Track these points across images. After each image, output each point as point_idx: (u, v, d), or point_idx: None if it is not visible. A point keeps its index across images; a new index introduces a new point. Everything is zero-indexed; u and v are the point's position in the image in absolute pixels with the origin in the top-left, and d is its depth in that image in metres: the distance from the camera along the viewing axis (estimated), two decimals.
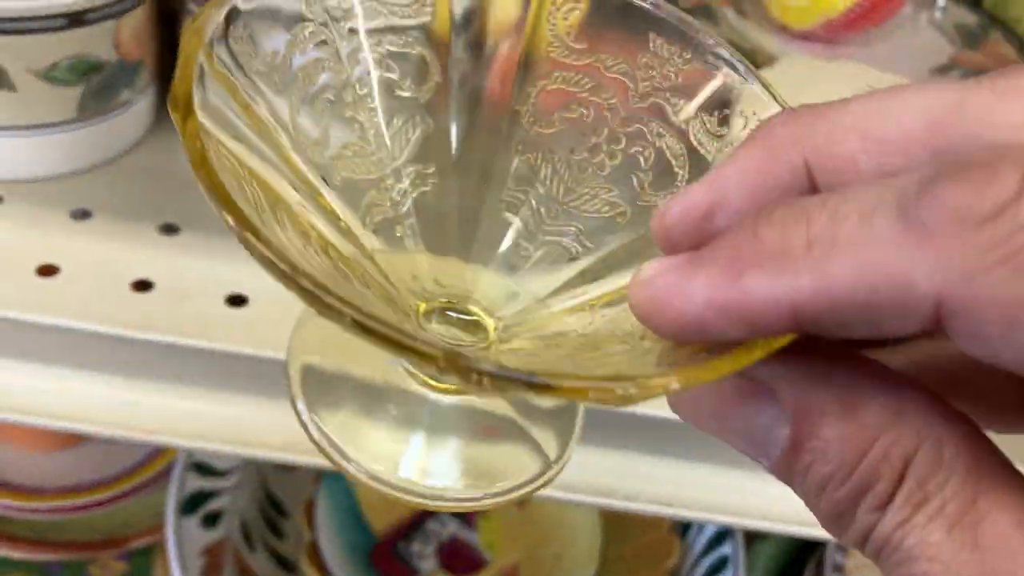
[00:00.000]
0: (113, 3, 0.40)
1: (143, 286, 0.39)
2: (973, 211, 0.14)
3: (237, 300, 0.39)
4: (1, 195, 0.41)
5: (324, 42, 0.24)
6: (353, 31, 0.24)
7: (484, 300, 0.26)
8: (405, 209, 0.26)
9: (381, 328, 0.16)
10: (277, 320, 0.38)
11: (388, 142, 0.26)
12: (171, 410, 0.39)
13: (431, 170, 0.26)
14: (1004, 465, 0.16)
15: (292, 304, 0.38)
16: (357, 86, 0.25)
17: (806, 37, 0.63)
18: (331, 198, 0.24)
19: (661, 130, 0.25)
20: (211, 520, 0.70)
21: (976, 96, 0.16)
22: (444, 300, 0.26)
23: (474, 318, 0.26)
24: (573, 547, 0.74)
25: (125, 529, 0.78)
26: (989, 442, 0.16)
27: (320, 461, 0.39)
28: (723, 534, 0.71)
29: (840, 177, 0.17)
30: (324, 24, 0.24)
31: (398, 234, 0.26)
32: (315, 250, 0.22)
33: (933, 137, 0.16)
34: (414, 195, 0.26)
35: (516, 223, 0.26)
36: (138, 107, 0.44)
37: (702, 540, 0.73)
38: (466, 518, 0.75)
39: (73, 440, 0.74)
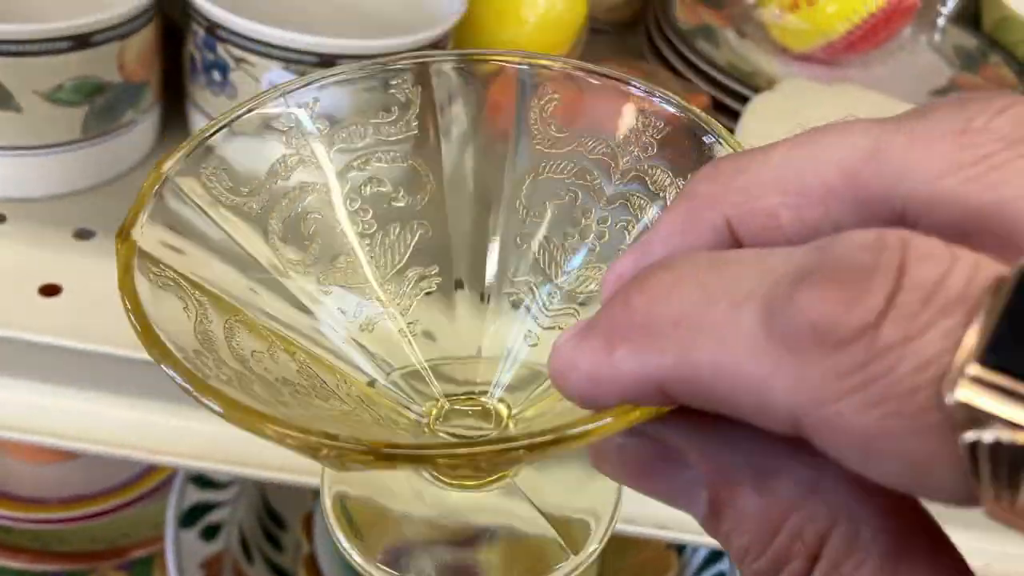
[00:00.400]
0: (117, 26, 0.40)
1: None
2: (833, 331, 0.13)
3: None
4: (4, 214, 0.42)
5: (308, 165, 0.25)
6: (341, 151, 0.26)
7: (498, 388, 0.26)
8: (410, 311, 0.27)
9: (376, 448, 0.16)
10: None
11: (387, 250, 0.26)
12: (171, 429, 0.39)
13: (434, 271, 0.27)
14: (931, 546, 0.15)
15: None
16: (347, 203, 0.26)
17: (806, 59, 0.64)
18: (324, 315, 0.25)
19: (643, 202, 0.25)
20: (210, 532, 0.71)
21: (892, 144, 0.15)
22: (458, 395, 0.26)
23: (489, 407, 0.26)
24: None
25: (125, 540, 0.78)
26: (917, 515, 0.15)
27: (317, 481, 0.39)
28: (720, 551, 0.72)
29: (764, 233, 0.16)
30: (306, 156, 0.25)
31: (402, 337, 0.26)
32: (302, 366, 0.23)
33: (851, 188, 0.15)
34: (418, 296, 0.27)
35: (523, 315, 0.27)
36: (142, 127, 0.45)
37: (699, 557, 0.74)
38: None
39: (74, 452, 0.74)
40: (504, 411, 0.26)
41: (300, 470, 0.39)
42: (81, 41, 0.39)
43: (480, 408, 0.26)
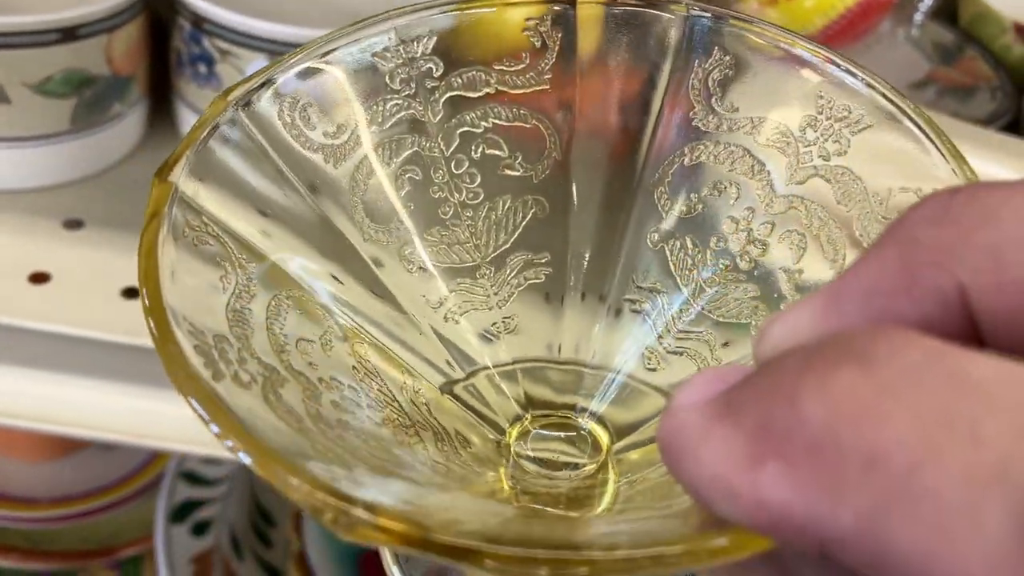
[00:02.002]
0: (105, 19, 0.41)
1: (134, 293, 0.40)
2: None
3: None
4: None
5: (410, 114, 0.21)
6: (453, 101, 0.21)
7: (599, 405, 0.22)
8: (508, 304, 0.22)
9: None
10: None
11: (492, 227, 0.22)
12: (164, 415, 0.40)
13: (544, 259, 0.23)
14: None
15: None
16: (452, 164, 0.22)
17: None
18: (403, 298, 0.21)
19: (823, 215, 0.20)
20: (200, 529, 0.71)
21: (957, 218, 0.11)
22: (548, 411, 0.22)
23: (584, 431, 0.21)
24: None
25: (116, 538, 0.78)
26: None
27: None
28: None
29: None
30: (411, 95, 0.21)
31: (493, 333, 0.22)
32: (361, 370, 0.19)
33: (903, 270, 0.12)
34: (520, 287, 0.22)
35: (644, 328, 0.22)
36: (129, 120, 0.45)
37: None
38: None
39: (64, 450, 0.74)
40: (603, 438, 0.21)
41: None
42: (69, 34, 0.40)
43: (574, 430, 0.21)
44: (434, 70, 0.21)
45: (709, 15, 0.20)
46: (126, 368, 0.39)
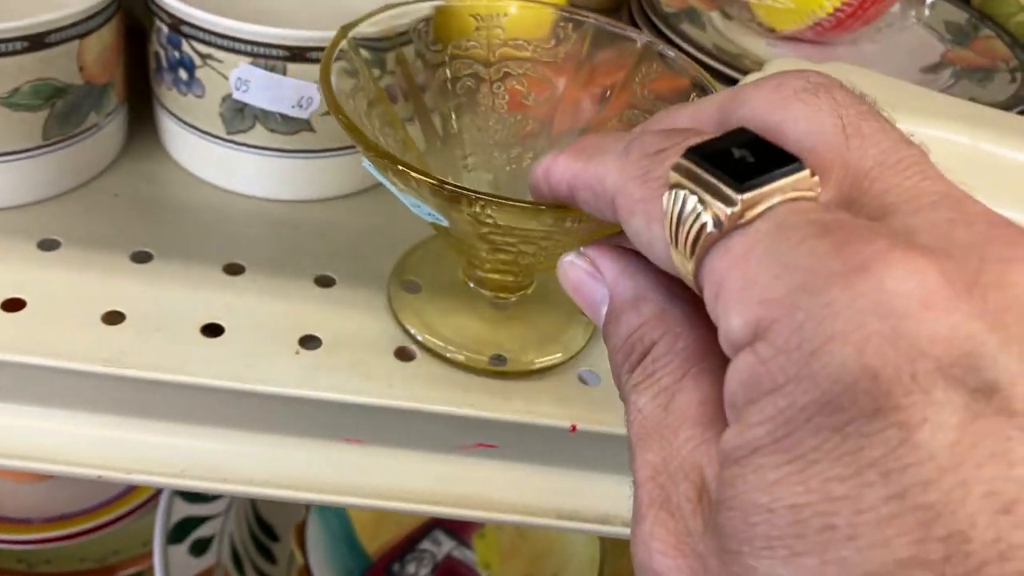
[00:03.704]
0: (75, 24, 0.38)
1: (115, 318, 0.37)
2: (633, 151, 0.22)
3: (212, 330, 0.37)
4: None
5: (477, 61, 0.39)
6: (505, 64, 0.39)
7: None
8: (505, 170, 0.40)
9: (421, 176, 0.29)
10: (253, 350, 0.37)
11: (503, 125, 0.40)
12: (148, 447, 0.37)
13: (529, 153, 0.40)
14: (721, 363, 0.19)
15: (268, 332, 0.36)
16: (494, 87, 0.39)
17: (794, 39, 0.62)
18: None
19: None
20: (200, 547, 0.69)
21: (745, 90, 0.22)
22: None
23: None
24: (571, 565, 0.72)
25: (115, 557, 0.76)
26: (719, 349, 0.19)
27: (302, 495, 0.38)
28: None
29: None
30: (486, 55, 0.39)
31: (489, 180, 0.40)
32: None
33: (719, 115, 0.23)
34: (511, 167, 0.40)
35: None
36: (107, 130, 0.43)
37: None
38: (462, 538, 0.74)
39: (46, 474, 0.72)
40: None
41: (285, 484, 0.38)
42: (37, 41, 0.37)
43: None
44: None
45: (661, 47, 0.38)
46: (107, 399, 0.37)
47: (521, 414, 0.37)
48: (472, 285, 0.39)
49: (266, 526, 0.75)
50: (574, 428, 0.36)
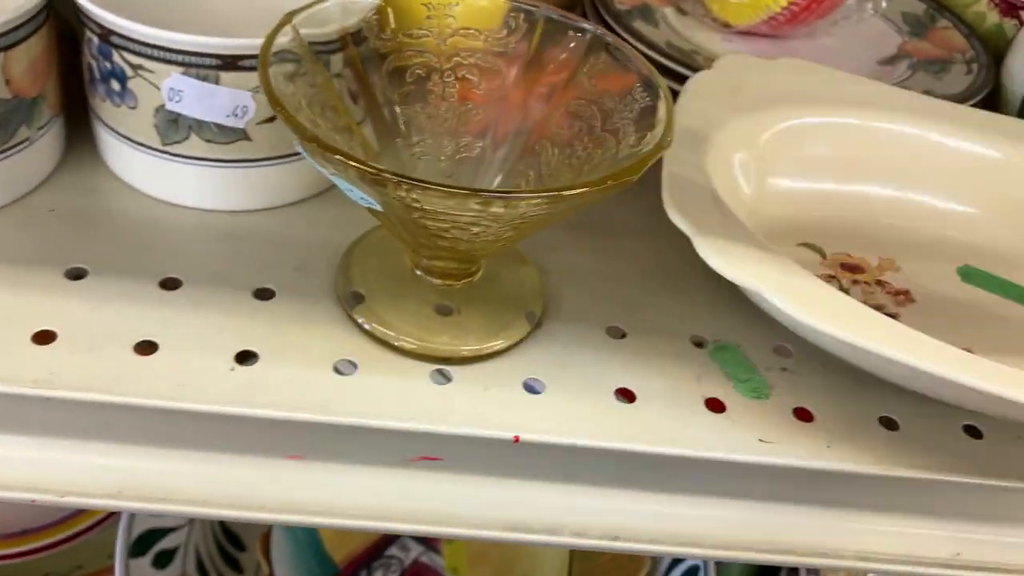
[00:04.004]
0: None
1: (46, 337, 0.36)
2: None
3: (147, 347, 0.36)
4: None
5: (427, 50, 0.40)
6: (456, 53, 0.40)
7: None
8: (456, 158, 0.41)
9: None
10: (188, 367, 0.36)
11: (453, 114, 0.40)
12: (83, 468, 0.36)
13: (479, 142, 0.41)
14: None
15: (203, 349, 0.35)
16: (445, 76, 0.40)
17: (749, 34, 0.61)
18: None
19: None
20: (164, 559, 0.68)
21: None
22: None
23: None
24: (540, 566, 0.72)
25: (78, 572, 0.75)
26: None
27: (243, 514, 0.37)
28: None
29: None
30: (437, 45, 0.40)
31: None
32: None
33: None
34: (461, 155, 0.41)
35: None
36: (40, 144, 0.42)
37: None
38: (431, 543, 0.73)
39: None
40: None
41: (227, 503, 0.37)
42: None
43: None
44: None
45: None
46: (38, 420, 0.36)
47: (464, 426, 0.36)
48: (420, 273, 0.39)
49: (233, 536, 0.75)
50: (517, 439, 0.36)
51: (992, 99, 0.57)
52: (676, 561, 0.72)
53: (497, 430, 0.36)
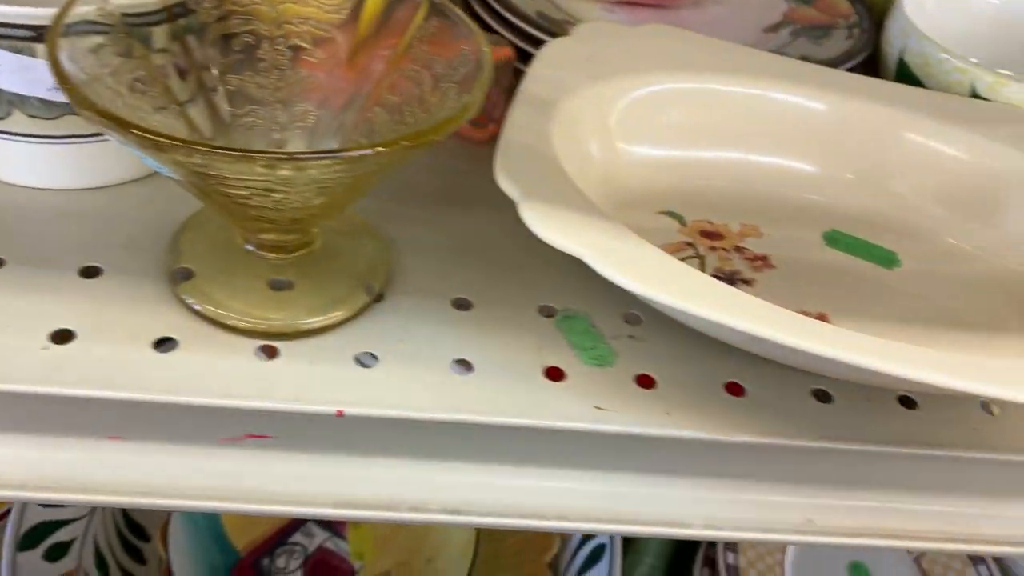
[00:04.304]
0: None
1: None
2: None
3: (62, 336, 0.35)
4: None
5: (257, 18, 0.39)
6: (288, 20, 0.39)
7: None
8: (292, 127, 0.40)
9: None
10: (105, 356, 0.35)
11: (286, 83, 0.40)
12: None
13: (314, 111, 0.40)
14: None
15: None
16: (275, 43, 0.39)
17: (634, 3, 0.61)
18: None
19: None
20: (57, 552, 0.67)
21: None
22: None
23: None
24: (446, 550, 0.71)
25: None
26: None
27: (66, 496, 0.36)
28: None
29: None
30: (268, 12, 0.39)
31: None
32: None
33: None
34: (297, 124, 0.40)
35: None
36: None
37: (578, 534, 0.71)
38: (336, 528, 0.72)
39: None
40: None
41: (49, 486, 0.36)
42: None
43: None
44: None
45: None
46: None
47: (287, 402, 0.35)
48: (251, 248, 0.38)
49: (136, 526, 0.73)
50: (340, 413, 0.35)
51: (872, 63, 0.57)
52: (586, 538, 0.72)
53: (322, 405, 0.35)
